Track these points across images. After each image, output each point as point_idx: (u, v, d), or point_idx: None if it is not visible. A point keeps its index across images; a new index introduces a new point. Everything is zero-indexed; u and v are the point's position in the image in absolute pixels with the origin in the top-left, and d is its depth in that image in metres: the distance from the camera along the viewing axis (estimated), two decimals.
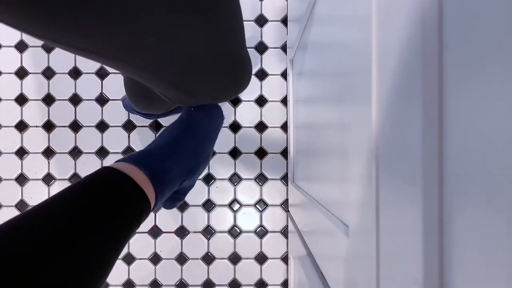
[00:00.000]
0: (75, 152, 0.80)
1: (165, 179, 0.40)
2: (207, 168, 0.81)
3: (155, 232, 0.81)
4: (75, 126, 0.81)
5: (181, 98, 0.41)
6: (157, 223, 0.81)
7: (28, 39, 0.80)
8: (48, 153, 0.81)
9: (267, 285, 0.81)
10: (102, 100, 0.81)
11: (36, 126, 0.80)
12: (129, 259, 0.81)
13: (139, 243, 0.81)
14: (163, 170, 0.40)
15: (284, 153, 0.81)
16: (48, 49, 0.80)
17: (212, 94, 0.41)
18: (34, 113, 0.80)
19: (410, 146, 0.15)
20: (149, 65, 0.31)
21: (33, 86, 0.80)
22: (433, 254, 0.14)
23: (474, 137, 0.12)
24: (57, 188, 0.80)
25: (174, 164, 0.42)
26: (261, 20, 0.80)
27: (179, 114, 0.50)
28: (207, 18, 0.30)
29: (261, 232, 0.81)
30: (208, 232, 0.81)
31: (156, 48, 0.29)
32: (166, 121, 0.81)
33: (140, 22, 0.26)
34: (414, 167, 0.15)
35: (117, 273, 0.81)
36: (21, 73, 0.80)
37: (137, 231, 0.83)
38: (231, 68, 0.38)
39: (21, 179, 0.80)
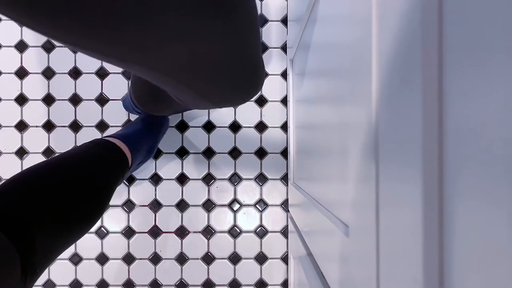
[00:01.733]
0: None
1: (138, 155, 0.64)
2: (207, 168, 0.81)
3: (155, 232, 0.81)
4: (75, 126, 0.81)
5: (198, 102, 0.41)
6: (157, 223, 0.81)
7: (28, 39, 0.80)
8: (48, 153, 0.81)
9: (267, 285, 0.81)
10: (102, 100, 0.81)
11: (36, 126, 0.80)
12: (129, 259, 0.81)
13: (138, 243, 0.81)
14: (138, 148, 0.64)
15: (284, 153, 0.81)
16: (48, 49, 0.80)
17: (230, 98, 0.42)
18: (34, 113, 0.80)
19: (410, 145, 0.15)
20: (176, 71, 0.32)
21: (33, 86, 0.80)
22: (433, 254, 0.14)
23: (474, 137, 0.12)
24: None
25: (143, 146, 0.66)
26: (261, 20, 0.80)
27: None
28: (231, 25, 0.30)
29: (261, 232, 0.81)
30: (208, 232, 0.81)
31: (183, 53, 0.29)
32: None
33: (168, 29, 0.26)
34: (414, 166, 0.15)
35: (117, 273, 0.81)
36: (21, 73, 0.80)
37: (137, 231, 0.83)
38: (252, 74, 0.39)
39: None
